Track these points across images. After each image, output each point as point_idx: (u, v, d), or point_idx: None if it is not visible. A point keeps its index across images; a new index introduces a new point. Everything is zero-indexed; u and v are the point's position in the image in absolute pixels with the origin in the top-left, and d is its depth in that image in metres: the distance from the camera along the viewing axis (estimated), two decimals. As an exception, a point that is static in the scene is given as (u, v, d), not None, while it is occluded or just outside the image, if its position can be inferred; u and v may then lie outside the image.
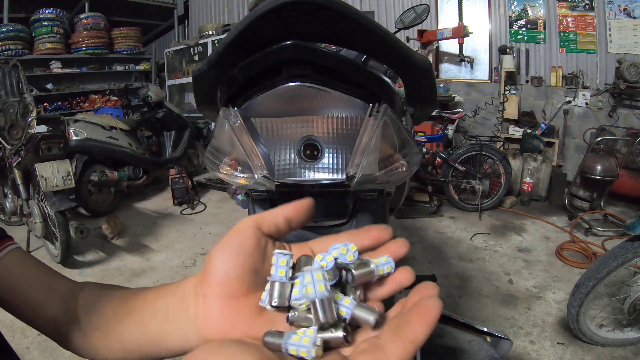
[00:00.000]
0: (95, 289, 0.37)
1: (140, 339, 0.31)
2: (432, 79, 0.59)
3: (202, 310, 0.28)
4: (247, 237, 0.27)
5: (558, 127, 3.89)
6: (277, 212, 0.29)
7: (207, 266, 0.28)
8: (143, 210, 3.48)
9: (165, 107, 3.79)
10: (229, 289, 0.27)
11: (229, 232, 0.28)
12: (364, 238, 0.29)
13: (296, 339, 0.22)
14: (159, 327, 0.30)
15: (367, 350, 0.22)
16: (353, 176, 0.55)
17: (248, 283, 0.27)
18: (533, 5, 3.93)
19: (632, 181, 2.98)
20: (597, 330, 1.59)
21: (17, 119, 2.23)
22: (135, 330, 0.31)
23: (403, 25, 1.56)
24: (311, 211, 0.30)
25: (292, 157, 0.56)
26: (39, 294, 0.36)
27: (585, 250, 2.44)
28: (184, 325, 0.28)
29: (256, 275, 0.27)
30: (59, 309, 0.35)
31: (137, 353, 0.32)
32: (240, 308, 0.27)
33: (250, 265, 0.27)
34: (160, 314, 0.30)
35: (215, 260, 0.27)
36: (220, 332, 0.27)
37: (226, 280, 0.27)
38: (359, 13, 0.45)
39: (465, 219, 3.08)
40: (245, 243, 0.27)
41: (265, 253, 0.28)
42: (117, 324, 0.32)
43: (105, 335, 0.33)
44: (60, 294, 0.36)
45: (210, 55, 0.53)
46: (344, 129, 0.55)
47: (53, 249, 2.35)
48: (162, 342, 0.30)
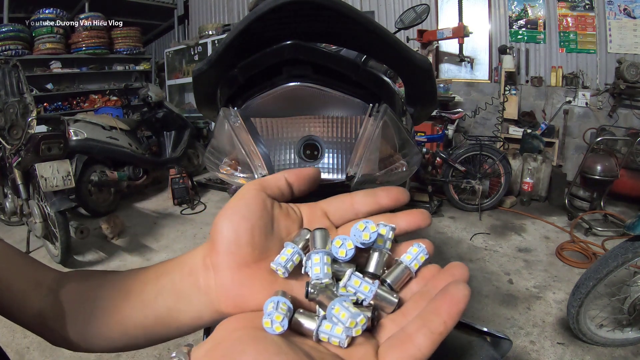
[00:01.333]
0: (84, 276, 0.34)
1: (145, 321, 0.29)
2: (432, 79, 0.59)
3: (213, 282, 0.26)
4: (252, 199, 0.26)
5: (558, 127, 3.89)
6: (279, 176, 0.29)
7: (214, 235, 0.26)
8: (143, 210, 3.48)
9: (165, 107, 3.79)
10: (240, 257, 0.25)
11: (234, 197, 0.27)
12: (381, 198, 0.28)
13: (328, 327, 0.22)
14: (167, 305, 0.28)
15: (395, 339, 0.22)
16: (353, 176, 0.55)
17: (259, 248, 0.26)
18: (533, 5, 3.93)
19: (632, 181, 2.98)
20: (597, 330, 1.59)
21: (17, 119, 2.23)
22: (138, 313, 0.29)
23: (403, 25, 1.56)
24: (315, 180, 0.29)
25: (292, 157, 0.56)
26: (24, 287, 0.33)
27: (585, 250, 2.44)
28: (196, 300, 0.27)
29: (266, 239, 0.26)
30: (46, 302, 0.32)
31: (143, 337, 0.30)
32: (254, 276, 0.25)
33: (260, 229, 0.26)
34: (167, 292, 0.28)
35: (223, 228, 0.26)
36: (235, 303, 0.26)
37: (236, 247, 0.25)
38: (359, 13, 0.45)
39: (465, 219, 3.08)
40: (252, 206, 0.26)
41: (272, 215, 0.27)
42: (117, 310, 0.30)
43: (104, 324, 0.30)
44: (46, 286, 0.33)
45: (210, 55, 0.53)
46: (344, 129, 0.55)
47: (53, 249, 2.35)
48: (172, 321, 0.28)
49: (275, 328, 0.21)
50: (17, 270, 0.34)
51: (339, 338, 0.21)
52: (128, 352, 1.63)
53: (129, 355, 1.63)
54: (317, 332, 0.22)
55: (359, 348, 0.22)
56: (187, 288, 0.27)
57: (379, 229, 0.25)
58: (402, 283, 0.26)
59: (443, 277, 0.24)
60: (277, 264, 0.25)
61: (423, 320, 0.21)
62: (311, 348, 0.22)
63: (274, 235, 0.27)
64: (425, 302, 0.23)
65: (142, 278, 0.30)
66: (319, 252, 0.24)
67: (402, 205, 0.28)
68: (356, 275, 0.24)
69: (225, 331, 0.23)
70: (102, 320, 0.30)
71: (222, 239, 0.26)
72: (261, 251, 0.26)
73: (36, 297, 0.33)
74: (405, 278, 0.25)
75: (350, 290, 0.24)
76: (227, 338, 0.22)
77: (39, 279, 0.34)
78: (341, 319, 0.21)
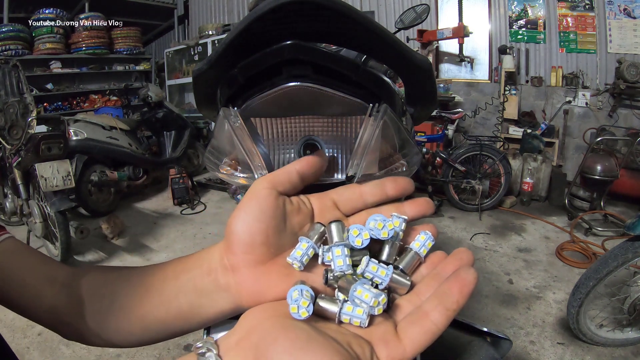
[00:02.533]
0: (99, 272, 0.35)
1: (167, 317, 0.30)
2: (432, 79, 0.59)
3: (232, 281, 0.27)
4: (265, 200, 0.27)
5: (558, 127, 3.89)
6: (290, 169, 0.29)
7: (229, 236, 0.27)
8: (143, 210, 3.48)
9: (165, 107, 3.79)
10: (256, 257, 0.27)
11: (246, 196, 0.28)
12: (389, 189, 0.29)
13: (349, 309, 0.23)
14: (189, 302, 0.29)
15: (413, 316, 0.23)
16: (353, 176, 0.55)
17: (274, 247, 0.27)
18: (533, 5, 3.93)
19: (632, 181, 2.97)
20: (597, 330, 1.59)
21: (17, 119, 2.23)
22: (160, 308, 0.30)
23: (403, 25, 1.56)
24: (324, 165, 0.31)
25: (292, 157, 0.56)
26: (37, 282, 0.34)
27: (585, 250, 2.44)
28: (217, 297, 0.28)
29: (279, 237, 0.27)
30: (59, 297, 0.33)
31: (164, 331, 0.31)
32: (270, 271, 0.27)
33: (273, 229, 0.27)
34: (188, 289, 0.29)
35: (238, 230, 0.27)
36: (255, 298, 0.27)
37: (252, 248, 0.26)
38: (359, 13, 0.45)
39: (465, 219, 3.08)
40: (265, 207, 0.27)
41: (285, 212, 0.28)
42: (137, 306, 0.30)
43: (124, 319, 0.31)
44: (60, 280, 0.34)
45: (210, 55, 0.53)
46: (343, 129, 0.55)
47: (53, 249, 2.35)
48: (194, 316, 0.29)
49: (302, 313, 0.22)
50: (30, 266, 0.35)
51: (360, 318, 0.23)
52: (128, 353, 1.63)
53: (128, 355, 1.63)
54: (340, 314, 0.24)
55: (379, 327, 0.24)
56: (208, 286, 0.28)
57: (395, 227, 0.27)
58: (413, 268, 0.28)
59: (451, 261, 0.26)
60: (293, 258, 0.26)
61: (438, 299, 0.23)
62: (334, 331, 0.23)
63: (287, 231, 0.28)
64: (436, 283, 0.25)
65: (160, 275, 0.31)
66: (339, 245, 0.26)
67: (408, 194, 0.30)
68: (373, 262, 0.26)
69: (253, 320, 0.24)
70: (122, 315, 0.31)
71: (238, 241, 0.27)
72: (276, 248, 0.27)
73: (50, 292, 0.33)
74: (415, 263, 0.28)
75: (367, 276, 0.25)
76: (257, 328, 0.23)
77: (52, 274, 0.35)
78: (364, 299, 0.23)
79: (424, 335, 0.22)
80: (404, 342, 0.22)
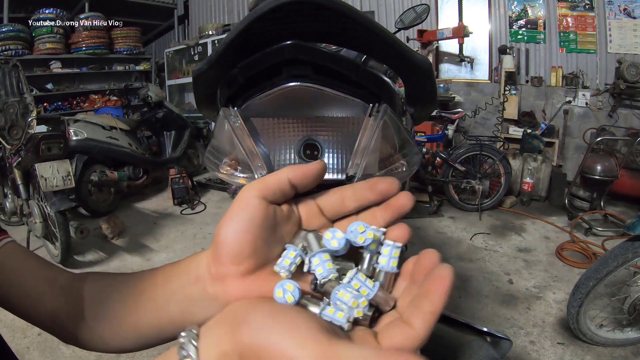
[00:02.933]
0: (97, 278, 0.35)
1: (160, 323, 0.30)
2: (432, 79, 0.59)
3: (220, 290, 0.27)
4: (254, 210, 0.26)
5: (558, 127, 3.89)
6: (282, 177, 0.27)
7: (217, 246, 0.27)
8: (143, 210, 3.48)
9: (165, 107, 3.79)
10: (244, 268, 0.26)
11: (234, 204, 0.27)
12: (368, 193, 0.28)
13: (331, 312, 0.23)
14: (180, 308, 0.29)
15: (394, 324, 0.22)
16: (353, 176, 0.55)
17: (263, 257, 0.26)
18: (533, 5, 3.93)
19: (632, 181, 2.97)
20: (597, 330, 1.59)
21: (17, 119, 2.23)
22: (152, 315, 0.30)
23: (403, 25, 1.56)
24: (321, 175, 0.28)
25: (292, 157, 0.56)
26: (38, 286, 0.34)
27: (585, 250, 2.44)
28: (206, 305, 0.28)
29: (268, 247, 0.27)
30: (59, 301, 0.34)
31: (156, 337, 0.31)
32: (258, 281, 0.27)
33: (262, 240, 0.26)
34: (179, 296, 0.29)
35: (226, 240, 0.26)
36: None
37: (240, 260, 0.26)
38: (359, 13, 0.45)
39: (465, 219, 3.08)
40: (254, 217, 0.26)
41: (275, 221, 0.27)
42: (131, 311, 0.31)
43: (117, 324, 0.31)
44: (60, 285, 0.35)
45: (210, 55, 0.53)
46: (344, 129, 0.55)
47: (53, 249, 2.35)
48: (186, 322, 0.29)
49: (287, 298, 0.22)
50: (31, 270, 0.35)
51: (340, 322, 0.23)
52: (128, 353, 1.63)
53: (128, 355, 1.63)
54: (320, 315, 0.23)
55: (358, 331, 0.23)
56: (197, 294, 0.28)
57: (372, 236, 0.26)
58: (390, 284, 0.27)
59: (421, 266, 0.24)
60: (280, 267, 0.26)
61: (416, 305, 0.22)
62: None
63: (276, 240, 0.27)
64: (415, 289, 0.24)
65: (151, 282, 0.31)
66: (316, 253, 0.26)
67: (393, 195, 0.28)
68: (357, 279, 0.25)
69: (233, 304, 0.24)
70: (116, 321, 0.32)
71: (226, 252, 0.26)
72: (265, 258, 0.27)
73: (50, 297, 0.34)
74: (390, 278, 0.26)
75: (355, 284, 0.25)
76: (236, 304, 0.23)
77: (53, 279, 0.35)
78: (344, 300, 0.23)
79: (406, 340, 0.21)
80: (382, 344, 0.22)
